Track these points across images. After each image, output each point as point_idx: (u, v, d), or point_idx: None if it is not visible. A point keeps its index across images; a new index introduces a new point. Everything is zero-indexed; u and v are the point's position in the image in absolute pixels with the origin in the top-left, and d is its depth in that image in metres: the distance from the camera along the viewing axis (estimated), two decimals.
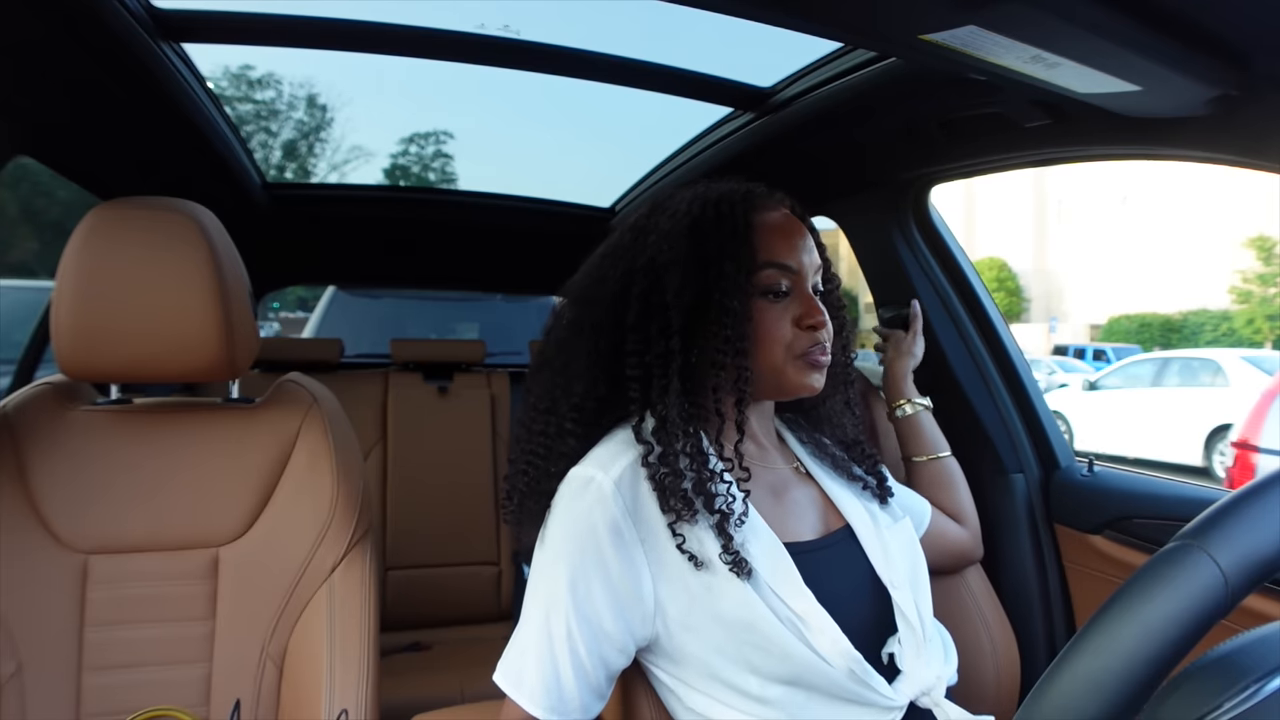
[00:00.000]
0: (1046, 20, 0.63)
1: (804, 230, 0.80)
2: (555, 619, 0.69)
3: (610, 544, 0.69)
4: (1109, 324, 21.13)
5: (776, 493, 0.79)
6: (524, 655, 0.70)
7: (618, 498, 0.70)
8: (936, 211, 1.39)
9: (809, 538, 0.77)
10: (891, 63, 1.05)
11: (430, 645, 1.91)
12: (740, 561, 0.69)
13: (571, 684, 0.69)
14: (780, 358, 0.76)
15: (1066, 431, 6.40)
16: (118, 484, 0.99)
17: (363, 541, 1.03)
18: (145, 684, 0.95)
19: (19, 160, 1.20)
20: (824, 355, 0.77)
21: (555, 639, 0.69)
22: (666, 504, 0.70)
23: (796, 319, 0.76)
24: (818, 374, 0.77)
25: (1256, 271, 17.38)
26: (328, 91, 24.04)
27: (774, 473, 0.81)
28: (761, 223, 0.77)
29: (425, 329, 3.73)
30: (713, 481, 0.71)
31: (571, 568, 0.69)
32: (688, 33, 5.79)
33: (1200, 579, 0.36)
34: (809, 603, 0.70)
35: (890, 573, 0.77)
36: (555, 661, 0.69)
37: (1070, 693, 0.36)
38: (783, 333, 0.76)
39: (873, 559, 0.78)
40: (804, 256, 0.78)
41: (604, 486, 0.70)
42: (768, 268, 0.76)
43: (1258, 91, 0.75)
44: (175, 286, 0.93)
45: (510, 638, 0.73)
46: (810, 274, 0.79)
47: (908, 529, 0.84)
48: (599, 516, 0.69)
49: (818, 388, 0.78)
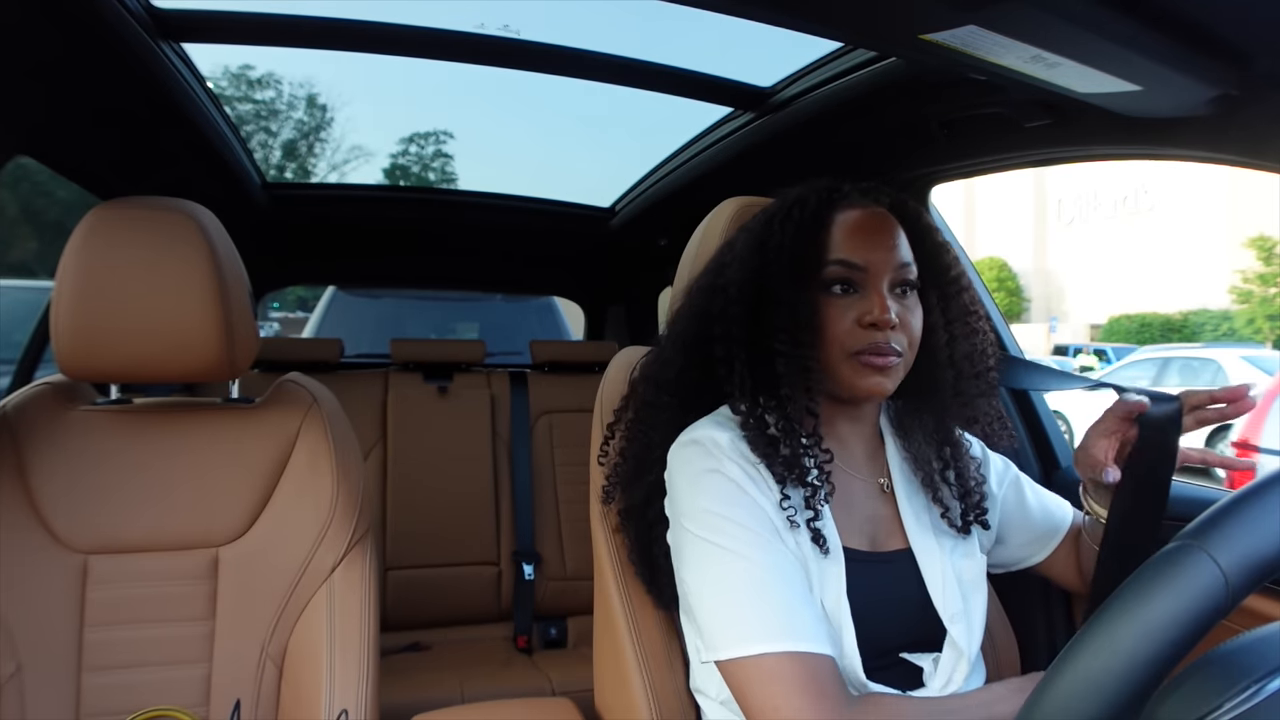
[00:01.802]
0: (1046, 20, 0.63)
1: (889, 227, 0.77)
2: (752, 559, 0.69)
3: (749, 482, 0.73)
4: (1109, 324, 21.11)
5: (845, 500, 0.79)
6: (742, 609, 0.67)
7: (734, 449, 0.74)
8: (937, 211, 1.39)
9: (864, 548, 0.77)
10: (891, 63, 1.05)
11: (430, 645, 1.91)
12: (820, 538, 0.72)
13: (804, 609, 0.68)
14: (837, 355, 0.75)
15: (1067, 431, 6.39)
16: (118, 484, 0.99)
17: (362, 541, 1.03)
18: (145, 684, 0.95)
19: (19, 160, 1.20)
20: (882, 357, 0.73)
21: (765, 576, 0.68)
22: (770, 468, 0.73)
23: (859, 316, 0.74)
24: (877, 376, 0.74)
25: (1257, 271, 17.36)
26: (328, 91, 24.04)
27: (850, 478, 0.80)
28: (837, 219, 0.77)
29: (425, 329, 3.74)
30: (804, 455, 0.74)
31: (728, 510, 0.71)
32: (688, 33, 5.79)
33: (1201, 579, 0.36)
34: (841, 609, 0.72)
35: (947, 604, 0.77)
36: (782, 592, 0.68)
37: (1071, 692, 0.36)
38: (841, 329, 0.74)
39: (930, 587, 0.77)
40: (879, 254, 0.75)
41: (721, 442, 0.75)
42: (832, 264, 0.75)
43: (1258, 91, 0.75)
44: (175, 286, 0.93)
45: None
46: (888, 271, 0.75)
47: (978, 566, 0.82)
48: (729, 466, 0.73)
49: (877, 391, 0.74)
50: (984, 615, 0.79)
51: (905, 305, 0.76)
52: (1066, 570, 0.91)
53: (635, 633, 0.87)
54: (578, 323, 3.23)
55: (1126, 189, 23.29)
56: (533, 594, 1.99)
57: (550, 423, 2.18)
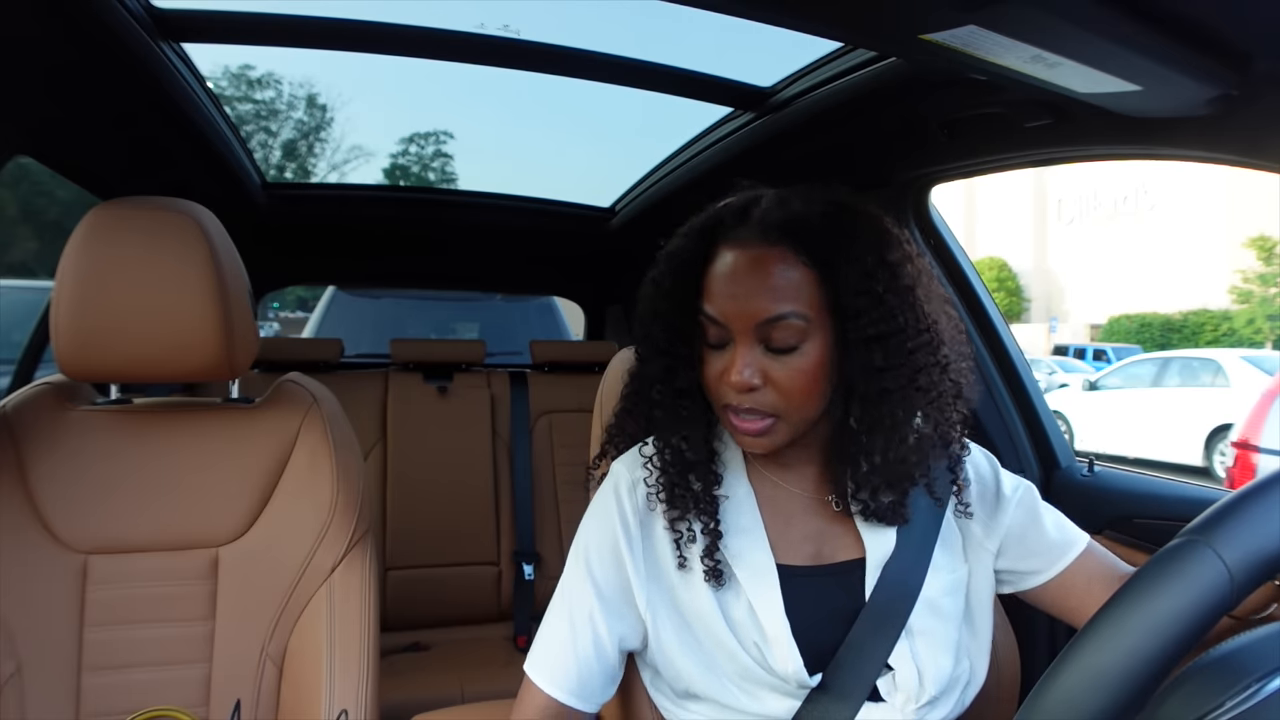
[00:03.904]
0: (1047, 20, 0.63)
1: (758, 273, 0.67)
2: (578, 605, 0.74)
3: (622, 535, 0.74)
4: (1109, 324, 21.12)
5: (787, 515, 0.77)
6: (549, 642, 0.74)
7: (633, 495, 0.76)
8: (937, 211, 1.39)
9: (804, 563, 0.75)
10: (892, 63, 1.05)
11: (430, 645, 1.91)
12: (717, 572, 0.71)
13: (593, 666, 0.73)
14: (717, 407, 0.72)
15: (1067, 431, 6.39)
16: (117, 484, 0.99)
17: (362, 541, 1.03)
18: (145, 684, 0.94)
19: (19, 160, 1.20)
20: (739, 419, 0.69)
21: (577, 623, 0.73)
22: (660, 499, 0.74)
23: (722, 372, 0.69)
24: (746, 438, 0.70)
25: (1257, 271, 17.37)
26: (328, 91, 24.10)
27: (791, 496, 0.77)
28: (715, 262, 0.71)
29: (425, 329, 3.74)
30: (698, 483, 0.73)
31: (587, 555, 0.75)
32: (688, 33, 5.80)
33: (1206, 574, 0.36)
34: (779, 626, 0.70)
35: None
36: (580, 644, 0.73)
37: (1077, 685, 0.36)
38: (711, 382, 0.71)
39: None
40: (739, 305, 0.67)
41: (622, 482, 0.76)
42: (702, 317, 0.70)
43: (1258, 91, 0.75)
44: (175, 286, 0.93)
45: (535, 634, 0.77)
46: (749, 326, 0.67)
47: (951, 584, 0.75)
48: (614, 510, 0.75)
49: (752, 450, 0.73)
50: (948, 638, 0.73)
51: (781, 359, 0.67)
52: (1085, 601, 0.79)
53: None
54: (578, 323, 3.23)
55: (1126, 189, 23.29)
56: (533, 594, 1.99)
57: (550, 423, 2.18)
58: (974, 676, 0.75)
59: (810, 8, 0.71)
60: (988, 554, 0.80)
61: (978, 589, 0.78)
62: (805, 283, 0.67)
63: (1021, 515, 0.80)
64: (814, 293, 0.67)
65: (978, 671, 0.76)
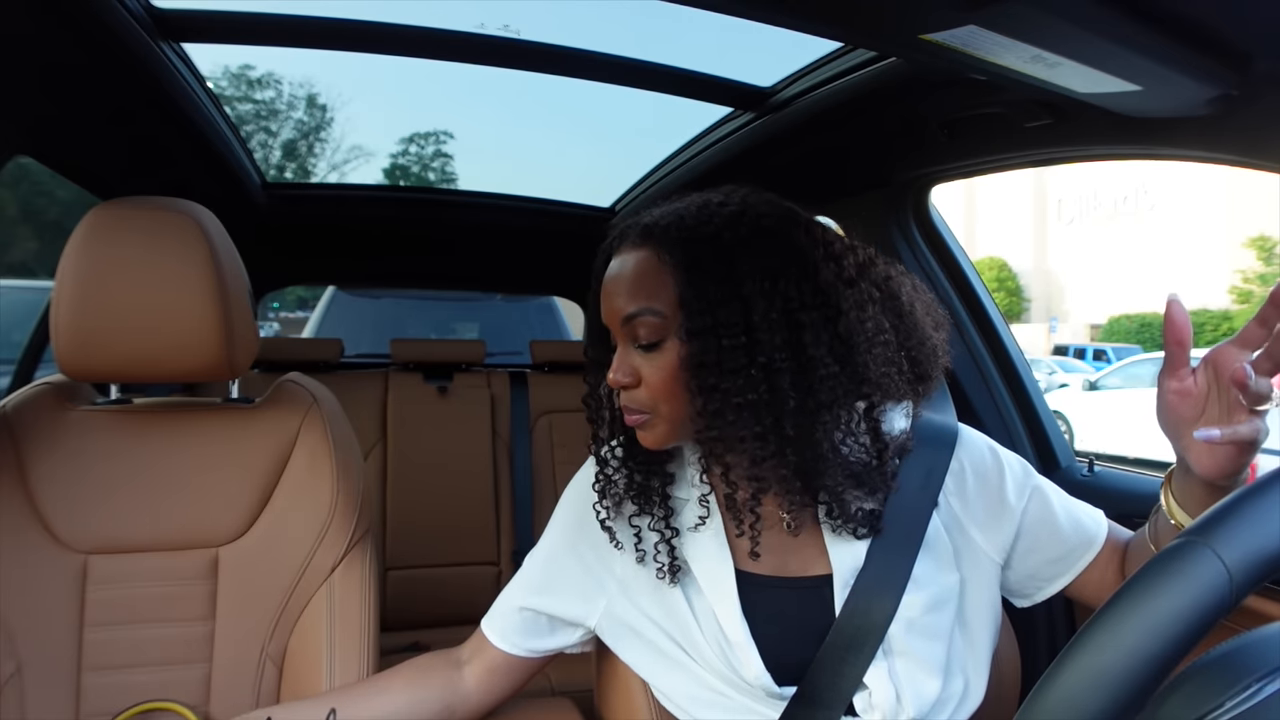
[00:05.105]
0: (1047, 20, 0.63)
1: (622, 276, 0.70)
2: (531, 568, 0.87)
3: (591, 524, 0.80)
4: (1109, 324, 21.12)
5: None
6: (513, 587, 0.88)
7: (597, 491, 0.79)
8: (937, 211, 1.39)
9: (765, 573, 0.74)
10: (892, 63, 1.05)
11: (430, 645, 1.91)
12: (673, 569, 0.74)
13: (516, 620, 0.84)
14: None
15: (1067, 431, 6.40)
16: (117, 484, 0.99)
17: (362, 541, 1.03)
18: (145, 684, 0.94)
19: (19, 160, 1.20)
20: (625, 415, 0.72)
21: (538, 581, 0.85)
22: (624, 495, 0.78)
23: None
24: (636, 431, 0.73)
25: (1257, 271, 17.38)
26: (328, 91, 24.13)
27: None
28: (608, 270, 0.73)
29: (425, 329, 3.74)
30: (654, 480, 0.78)
31: (556, 532, 0.86)
32: (688, 33, 5.81)
33: (1205, 575, 0.36)
34: (739, 630, 0.71)
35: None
36: (534, 599, 0.85)
37: (1075, 687, 0.36)
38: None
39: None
40: (608, 304, 0.72)
41: (591, 479, 0.80)
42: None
43: (1258, 91, 0.75)
44: (175, 286, 0.93)
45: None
46: (616, 327, 0.71)
47: (936, 598, 0.71)
48: (587, 499, 0.81)
49: (642, 444, 0.73)
50: (934, 657, 0.69)
51: (648, 357, 0.69)
52: (1101, 592, 0.77)
53: None
54: (578, 323, 3.23)
55: (1126, 189, 23.30)
56: None
57: (550, 423, 2.18)
58: (969, 692, 0.72)
59: (810, 8, 0.71)
60: (989, 562, 0.75)
61: (974, 599, 0.74)
62: (665, 282, 0.67)
63: (1031, 524, 0.75)
64: (673, 293, 0.67)
65: (974, 687, 0.72)
